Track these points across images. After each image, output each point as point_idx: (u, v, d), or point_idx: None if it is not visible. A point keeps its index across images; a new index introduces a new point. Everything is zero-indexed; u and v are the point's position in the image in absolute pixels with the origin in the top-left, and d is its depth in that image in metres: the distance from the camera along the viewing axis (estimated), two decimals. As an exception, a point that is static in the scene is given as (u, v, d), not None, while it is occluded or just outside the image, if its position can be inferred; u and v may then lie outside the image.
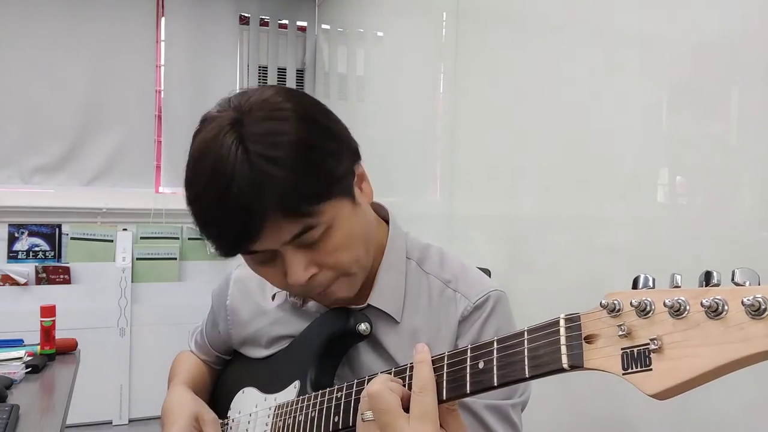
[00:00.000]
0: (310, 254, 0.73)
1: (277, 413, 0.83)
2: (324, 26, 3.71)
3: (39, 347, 1.66)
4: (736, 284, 0.41)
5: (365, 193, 0.80)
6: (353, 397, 0.68)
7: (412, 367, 0.61)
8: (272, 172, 0.67)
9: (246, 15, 3.65)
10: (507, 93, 1.90)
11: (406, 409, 0.59)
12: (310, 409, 0.75)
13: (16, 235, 3.18)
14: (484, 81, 2.03)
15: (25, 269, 3.07)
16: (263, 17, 3.69)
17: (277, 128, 0.69)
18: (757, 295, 0.39)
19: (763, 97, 1.16)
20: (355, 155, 0.79)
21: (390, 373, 0.65)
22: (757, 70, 1.16)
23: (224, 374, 1.05)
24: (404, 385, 0.62)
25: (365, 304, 0.82)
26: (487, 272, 1.63)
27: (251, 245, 0.71)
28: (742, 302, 0.39)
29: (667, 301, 0.43)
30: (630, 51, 1.45)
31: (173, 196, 3.56)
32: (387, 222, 0.89)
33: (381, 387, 0.60)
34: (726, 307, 0.40)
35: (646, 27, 1.41)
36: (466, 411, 0.76)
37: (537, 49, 1.76)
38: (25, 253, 3.18)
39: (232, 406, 0.95)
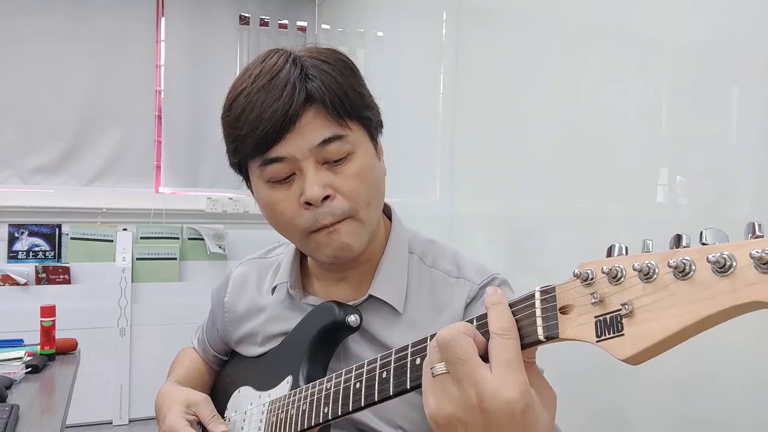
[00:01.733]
0: (329, 176, 0.75)
1: (271, 409, 0.83)
2: (324, 26, 3.71)
3: (39, 347, 1.66)
4: (704, 245, 0.40)
5: (382, 166, 0.82)
6: (342, 386, 0.68)
7: (480, 317, 0.54)
8: (323, 68, 0.74)
9: (246, 15, 3.65)
10: (507, 93, 1.90)
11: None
12: (301, 402, 0.75)
13: (16, 235, 3.18)
14: (484, 81, 2.03)
15: (25, 269, 3.07)
16: (263, 17, 3.69)
17: (321, 50, 0.78)
18: (723, 252, 0.38)
19: (763, 97, 1.16)
20: (380, 120, 0.82)
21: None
22: (757, 70, 1.16)
23: (221, 375, 1.05)
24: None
25: (366, 295, 0.83)
26: (487, 272, 1.63)
27: (282, 139, 0.72)
28: (707, 259, 0.39)
29: (636, 265, 0.43)
30: (630, 51, 1.45)
31: (173, 196, 3.57)
32: (390, 219, 0.90)
33: (452, 331, 0.51)
34: (693, 267, 0.40)
35: (646, 27, 1.41)
36: None
37: (537, 49, 1.76)
38: (25, 253, 3.18)
39: (228, 406, 0.95)
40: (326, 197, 0.74)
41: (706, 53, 1.26)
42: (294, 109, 0.71)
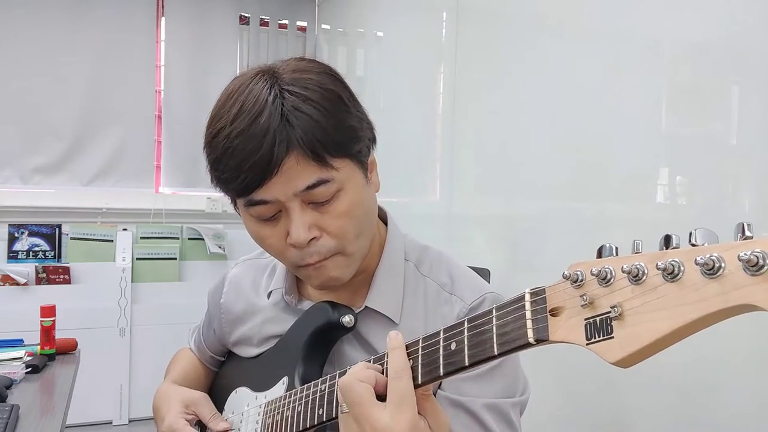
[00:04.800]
0: (316, 216, 0.73)
1: (267, 410, 0.83)
2: (324, 26, 3.71)
3: (39, 347, 1.66)
4: (693, 245, 0.40)
5: (374, 183, 0.81)
6: (336, 387, 0.68)
7: (380, 357, 0.62)
8: (304, 110, 0.70)
9: (246, 15, 3.65)
10: (507, 93, 1.90)
11: (384, 396, 0.58)
12: (296, 404, 0.75)
13: (16, 235, 3.18)
14: (484, 81, 2.03)
15: (25, 269, 3.07)
16: (263, 17, 3.69)
17: (308, 77, 0.73)
18: (713, 254, 0.38)
19: (763, 97, 1.16)
20: (372, 137, 0.80)
21: (370, 361, 0.65)
22: (757, 70, 1.16)
23: (219, 375, 1.05)
24: (382, 372, 0.62)
25: (363, 306, 0.82)
26: (487, 272, 1.64)
27: (265, 184, 0.70)
28: (696, 261, 0.38)
29: (625, 266, 0.42)
30: (630, 51, 1.45)
31: (173, 196, 3.57)
32: (386, 224, 0.89)
33: (349, 379, 0.60)
34: (682, 269, 0.40)
35: (646, 27, 1.41)
36: (464, 411, 0.75)
37: (537, 49, 1.76)
38: (25, 253, 3.18)
39: (225, 407, 0.95)
40: (313, 238, 0.73)
41: (706, 53, 1.26)
42: (275, 160, 0.68)
